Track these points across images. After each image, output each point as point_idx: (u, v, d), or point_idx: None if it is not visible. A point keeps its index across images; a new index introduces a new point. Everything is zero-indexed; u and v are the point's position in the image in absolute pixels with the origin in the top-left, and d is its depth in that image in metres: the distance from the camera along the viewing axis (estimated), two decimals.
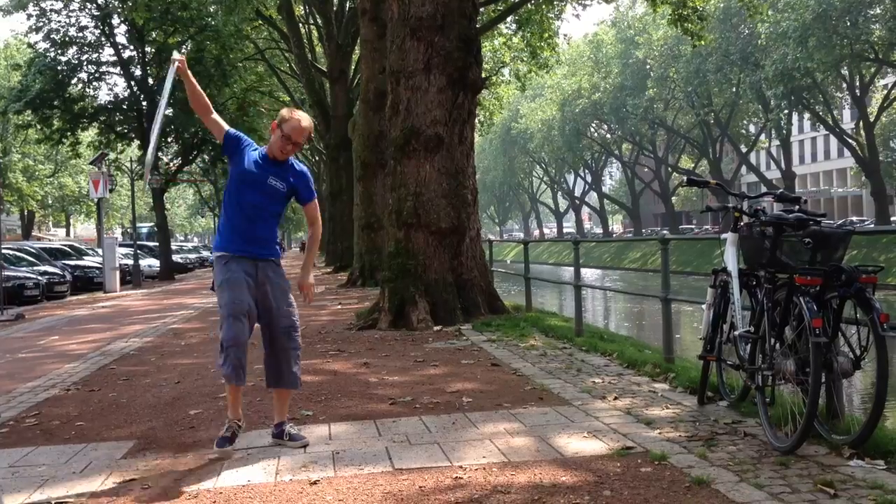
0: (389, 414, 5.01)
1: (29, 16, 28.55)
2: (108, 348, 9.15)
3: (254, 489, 3.59)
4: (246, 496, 3.49)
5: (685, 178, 5.30)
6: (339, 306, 13.57)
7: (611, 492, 3.35)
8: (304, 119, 4.31)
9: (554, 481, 3.52)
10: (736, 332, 4.54)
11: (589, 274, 47.21)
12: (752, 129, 56.59)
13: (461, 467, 3.79)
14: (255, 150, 4.38)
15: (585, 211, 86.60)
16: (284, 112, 4.35)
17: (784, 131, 48.95)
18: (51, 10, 28.58)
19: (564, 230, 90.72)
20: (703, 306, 5.06)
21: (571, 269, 9.42)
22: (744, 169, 59.25)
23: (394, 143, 10.36)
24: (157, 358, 8.11)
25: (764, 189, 51.09)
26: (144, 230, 50.77)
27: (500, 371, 6.50)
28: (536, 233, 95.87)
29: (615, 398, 5.24)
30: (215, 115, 4.41)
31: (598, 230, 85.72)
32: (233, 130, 4.37)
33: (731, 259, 4.75)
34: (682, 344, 12.88)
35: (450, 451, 4.07)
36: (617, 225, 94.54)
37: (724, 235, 4.93)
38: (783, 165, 50.81)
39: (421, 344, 8.26)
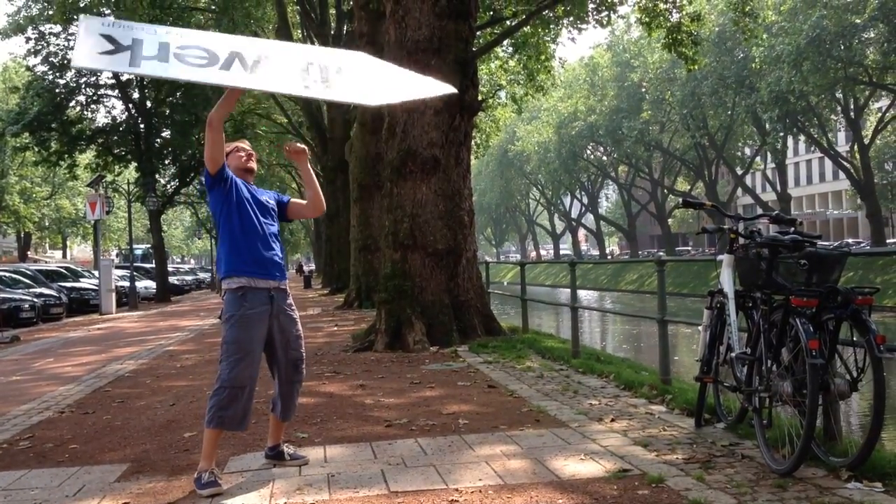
0: (385, 436, 4.98)
1: (27, 39, 28.74)
2: (103, 370, 9.11)
3: None
4: None
5: (681, 199, 5.32)
6: (336, 328, 13.55)
7: None
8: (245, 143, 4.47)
9: None
10: (732, 354, 4.53)
11: (586, 296, 47.20)
12: (747, 151, 56.81)
13: (457, 490, 3.76)
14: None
15: (582, 232, 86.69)
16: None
17: (779, 154, 49.17)
18: (49, 34, 28.76)
19: (561, 252, 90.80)
20: (700, 328, 5.06)
21: (568, 290, 9.41)
22: (739, 191, 59.47)
23: (390, 164, 10.38)
24: (152, 380, 8.07)
25: (760, 211, 51.27)
26: (139, 252, 50.70)
27: (497, 393, 6.47)
28: (533, 254, 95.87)
29: (612, 420, 5.22)
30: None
31: (595, 252, 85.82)
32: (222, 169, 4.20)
33: (727, 280, 4.76)
34: (679, 365, 12.86)
35: (445, 474, 4.04)
36: (613, 246, 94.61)
37: (720, 257, 4.93)
38: (779, 187, 50.98)
39: (417, 366, 8.23)
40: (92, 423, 5.80)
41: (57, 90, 28.86)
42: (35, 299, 20.53)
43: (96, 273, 25.87)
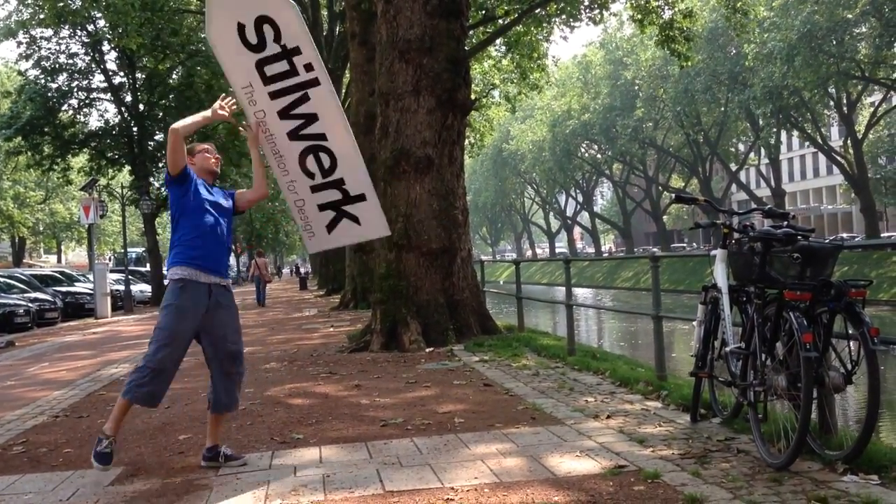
0: (381, 436, 4.96)
1: (19, 43, 28.60)
2: (98, 374, 9.08)
3: None
4: None
5: (674, 195, 5.32)
6: (331, 329, 13.53)
7: None
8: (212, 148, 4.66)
9: (546, 501, 3.48)
10: (727, 349, 4.52)
11: (581, 293, 47.27)
12: (741, 147, 56.93)
13: (452, 489, 3.75)
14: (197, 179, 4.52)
15: (577, 231, 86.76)
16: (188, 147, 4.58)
17: (773, 149, 49.26)
18: (41, 38, 28.63)
19: (557, 250, 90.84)
20: (694, 323, 5.06)
21: (564, 288, 9.41)
22: (734, 187, 59.56)
23: (383, 164, 10.36)
24: None
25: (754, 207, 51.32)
26: (133, 255, 50.61)
27: (493, 391, 6.46)
28: (529, 253, 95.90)
29: (608, 417, 5.21)
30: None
31: (591, 249, 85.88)
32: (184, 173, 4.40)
33: (720, 275, 4.75)
34: (674, 362, 12.87)
35: (441, 473, 4.03)
36: (609, 244, 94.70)
37: (713, 252, 4.93)
38: (773, 183, 51.08)
39: (413, 365, 8.22)
40: (86, 428, 5.78)
41: (49, 94, 28.75)
42: (30, 304, 20.47)
43: (91, 277, 25.80)
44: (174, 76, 30.65)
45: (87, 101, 30.19)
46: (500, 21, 22.22)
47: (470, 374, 7.46)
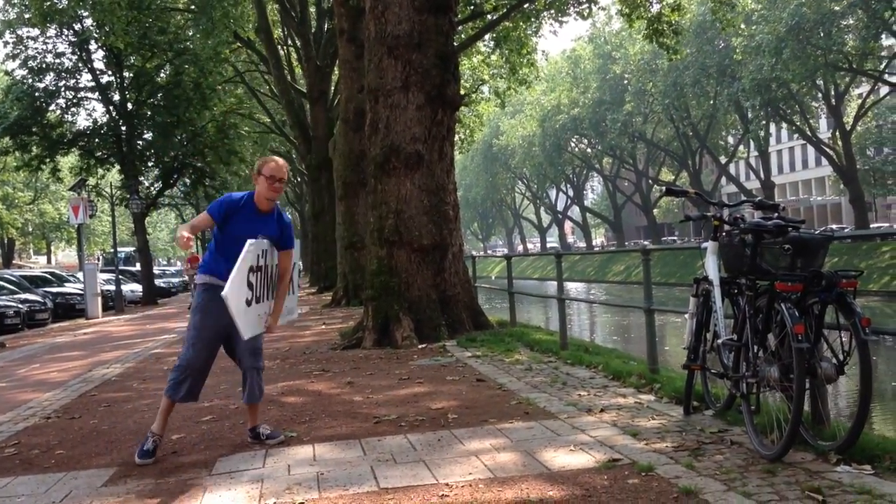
0: (374, 433, 4.95)
1: (5, 43, 28.41)
2: (89, 375, 9.03)
3: None
4: None
5: (664, 187, 5.32)
6: (324, 326, 13.49)
7: None
8: (279, 160, 4.78)
9: (541, 496, 3.48)
10: (719, 341, 4.53)
11: (573, 287, 47.33)
12: (730, 140, 57.10)
13: (447, 485, 3.75)
14: (241, 205, 4.64)
15: (568, 225, 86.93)
16: (259, 161, 4.78)
17: (762, 142, 49.42)
18: (27, 38, 28.44)
19: (548, 244, 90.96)
20: (686, 316, 5.06)
21: (556, 283, 9.41)
22: (724, 180, 59.74)
23: (374, 161, 10.35)
24: (138, 383, 8.01)
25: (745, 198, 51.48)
26: (122, 255, 50.43)
27: (486, 386, 6.46)
28: (520, 248, 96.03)
29: (601, 411, 5.22)
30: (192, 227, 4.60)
31: (582, 244, 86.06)
32: (214, 205, 4.65)
33: (711, 267, 4.76)
34: (667, 354, 12.90)
35: (435, 469, 4.03)
36: (600, 238, 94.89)
37: (704, 244, 4.94)
38: (762, 175, 51.25)
39: (406, 361, 8.20)
40: (78, 429, 5.74)
41: (36, 94, 28.55)
42: (20, 305, 20.37)
43: (81, 277, 25.67)
44: (162, 75, 30.51)
45: (74, 101, 29.99)
46: (489, 16, 22.22)
47: (463, 369, 7.45)
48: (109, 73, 30.36)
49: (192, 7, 27.51)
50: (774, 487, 3.41)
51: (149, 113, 30.56)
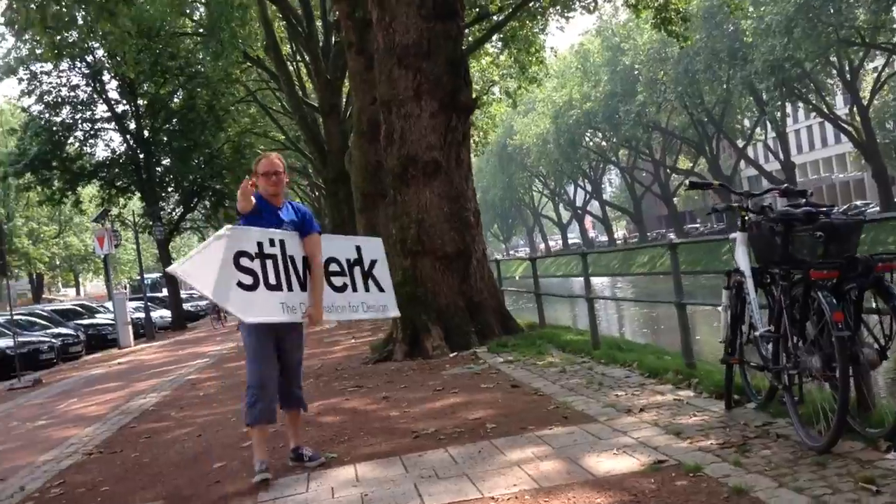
0: (414, 448, 4.93)
1: (20, 80, 28.81)
2: (127, 406, 9.10)
3: None
4: None
5: (687, 181, 5.27)
6: (353, 340, 13.52)
7: None
8: (271, 154, 4.92)
9: None
10: (756, 333, 4.47)
11: (598, 282, 47.05)
12: (746, 123, 56.56)
13: (493, 498, 3.72)
14: (263, 202, 4.73)
15: (589, 220, 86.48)
16: (254, 162, 4.91)
17: (779, 122, 48.94)
18: (41, 73, 28.82)
19: (570, 241, 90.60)
20: (720, 308, 5.00)
21: (581, 279, 9.37)
22: (742, 164, 59.24)
23: (391, 172, 10.36)
24: (176, 412, 8.05)
25: (765, 182, 51.09)
26: (149, 281, 50.88)
27: (521, 392, 6.42)
28: (542, 246, 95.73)
29: (641, 410, 5.16)
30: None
31: (604, 238, 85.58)
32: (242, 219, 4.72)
33: (742, 259, 4.69)
34: (700, 345, 12.77)
35: (479, 483, 4.00)
36: (621, 231, 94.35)
37: (732, 235, 4.87)
38: (781, 156, 50.74)
39: (438, 372, 8.18)
40: (121, 463, 5.78)
41: (54, 128, 28.92)
42: (53, 340, 20.59)
43: (111, 307, 25.93)
44: (175, 100, 30.78)
45: (92, 132, 30.34)
46: (495, 17, 22.17)
47: (496, 376, 7.42)
48: (124, 102, 30.70)
49: (201, 30, 27.75)
50: (826, 480, 3.35)
51: (165, 139, 30.85)
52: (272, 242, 4.66)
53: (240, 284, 4.49)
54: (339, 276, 5.14)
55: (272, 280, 4.60)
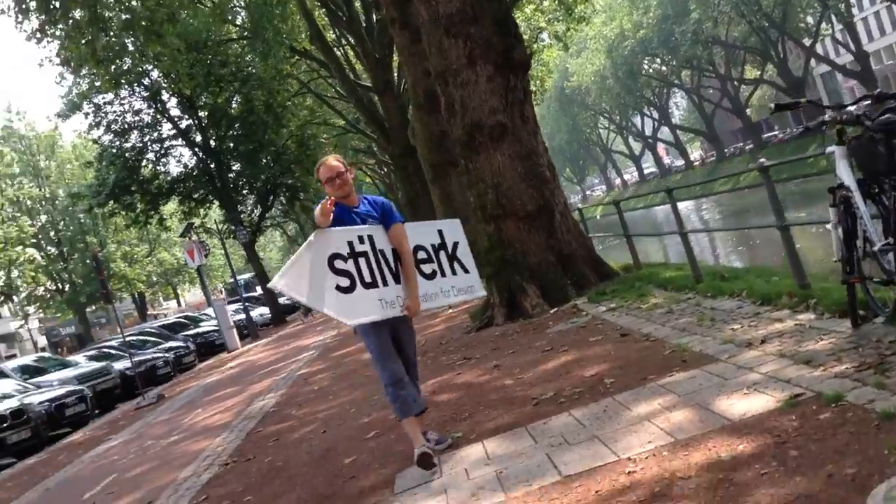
0: (537, 416, 4.90)
1: (86, 114, 29.83)
2: (249, 410, 9.40)
3: None
4: None
5: (772, 105, 5.03)
6: (450, 310, 13.57)
7: (797, 450, 3.16)
8: (327, 159, 4.77)
9: (732, 453, 3.35)
10: (875, 248, 4.25)
11: (683, 207, 45.96)
12: (810, 20, 53.90)
13: (630, 459, 3.66)
14: (340, 208, 4.65)
15: (661, 147, 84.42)
16: (315, 172, 4.91)
17: (845, 13, 46.44)
18: (104, 104, 29.78)
19: (645, 171, 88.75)
20: (829, 227, 4.78)
21: (664, 208, 9.14)
22: (813, 62, 56.59)
23: (459, 141, 10.29)
24: (296, 410, 8.27)
25: (839, 77, 48.79)
26: (242, 282, 52.33)
27: (632, 340, 6.29)
28: (617, 181, 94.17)
29: (762, 342, 4.97)
30: None
31: (679, 162, 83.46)
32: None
33: (845, 173, 4.46)
34: (807, 261, 12.32)
35: (612, 444, 3.94)
36: (696, 152, 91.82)
37: (829, 149, 4.63)
38: (853, 47, 48.26)
39: (543, 330, 8.13)
40: (256, 470, 5.98)
41: (126, 154, 29.95)
42: (166, 354, 21.49)
43: (212, 313, 26.82)
44: (234, 106, 31.34)
45: (162, 152, 31.31)
46: None
47: (602, 326, 7.31)
48: (186, 117, 31.46)
49: (246, 34, 28.03)
50: None
51: (231, 145, 31.52)
52: (361, 239, 4.64)
53: (338, 288, 4.48)
54: (427, 263, 5.11)
55: (367, 278, 4.59)
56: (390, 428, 5.88)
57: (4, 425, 13.16)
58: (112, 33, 21.08)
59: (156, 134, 31.31)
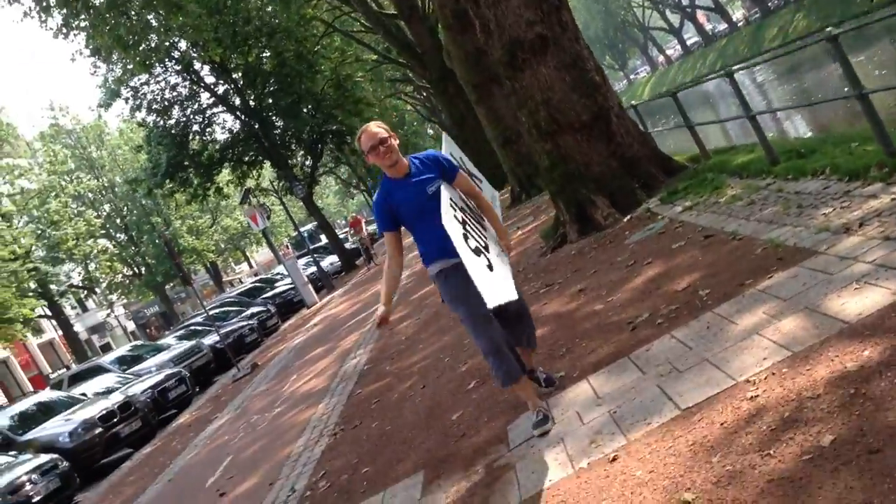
0: (637, 343, 4.75)
1: (126, 100, 30.06)
2: (343, 370, 9.53)
3: (560, 488, 3.51)
4: (559, 501, 3.42)
5: None
6: (518, 230, 13.42)
7: None
8: (367, 127, 4.37)
9: (859, 362, 3.15)
10: None
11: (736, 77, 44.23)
12: None
13: (748, 381, 3.50)
14: (390, 194, 4.35)
15: (701, 14, 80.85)
16: (355, 142, 4.51)
17: None
18: (141, 85, 29.93)
19: (688, 42, 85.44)
20: None
21: (716, 82, 8.68)
22: None
23: (500, 63, 9.92)
24: (390, 365, 8.33)
25: None
26: (306, 234, 52.96)
27: (718, 242, 6.00)
28: (661, 59, 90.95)
29: (861, 225, 4.64)
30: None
31: (722, 26, 79.96)
32: (380, 223, 4.41)
33: None
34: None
35: (725, 366, 3.78)
36: (738, 12, 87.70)
37: None
38: None
39: (621, 242, 7.90)
40: (366, 437, 6.03)
41: (172, 131, 30.20)
42: (250, 321, 21.98)
43: (283, 271, 27.26)
44: (265, 62, 31.13)
45: (206, 122, 31.44)
46: None
47: (682, 230, 7.03)
48: (221, 82, 31.42)
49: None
50: None
51: (270, 101, 31.45)
52: (454, 206, 4.19)
53: (475, 251, 4.02)
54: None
55: (480, 241, 4.21)
56: (489, 375, 5.83)
57: (115, 420, 13.70)
58: (133, 13, 21.05)
59: (196, 105, 31.42)
